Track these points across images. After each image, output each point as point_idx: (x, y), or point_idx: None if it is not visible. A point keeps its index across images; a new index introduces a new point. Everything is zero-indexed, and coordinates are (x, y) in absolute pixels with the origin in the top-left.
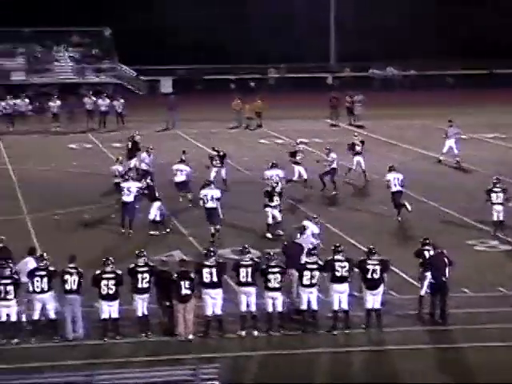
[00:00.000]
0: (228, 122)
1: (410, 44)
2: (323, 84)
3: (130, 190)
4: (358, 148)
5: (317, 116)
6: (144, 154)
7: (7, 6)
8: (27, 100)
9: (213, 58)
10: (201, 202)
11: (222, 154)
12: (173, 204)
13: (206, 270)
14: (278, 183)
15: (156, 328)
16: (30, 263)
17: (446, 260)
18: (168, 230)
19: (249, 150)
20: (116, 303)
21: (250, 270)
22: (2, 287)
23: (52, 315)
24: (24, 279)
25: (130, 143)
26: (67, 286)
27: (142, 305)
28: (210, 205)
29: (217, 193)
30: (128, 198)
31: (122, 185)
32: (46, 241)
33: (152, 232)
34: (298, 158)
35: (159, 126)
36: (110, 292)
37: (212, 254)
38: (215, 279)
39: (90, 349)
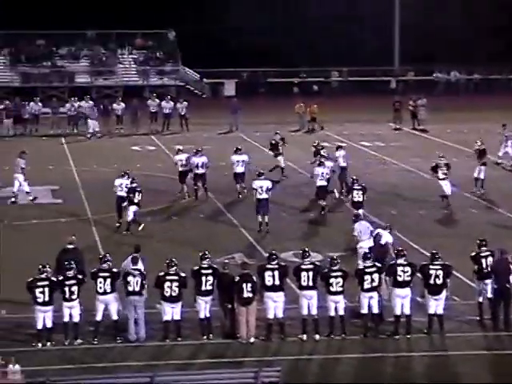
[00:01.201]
0: (290, 125)
1: (474, 46)
2: (386, 87)
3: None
4: (441, 171)
5: (380, 120)
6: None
7: (72, 8)
8: (91, 102)
9: (276, 61)
10: (254, 193)
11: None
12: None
13: (268, 273)
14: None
15: (217, 330)
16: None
17: (510, 266)
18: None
19: (311, 154)
20: (178, 305)
21: (310, 273)
22: (66, 288)
23: (114, 316)
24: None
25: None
26: (130, 288)
27: (204, 307)
28: (262, 196)
29: (268, 184)
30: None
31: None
32: (108, 242)
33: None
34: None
35: (222, 128)
36: (173, 294)
37: (274, 256)
38: (277, 282)
39: (152, 350)
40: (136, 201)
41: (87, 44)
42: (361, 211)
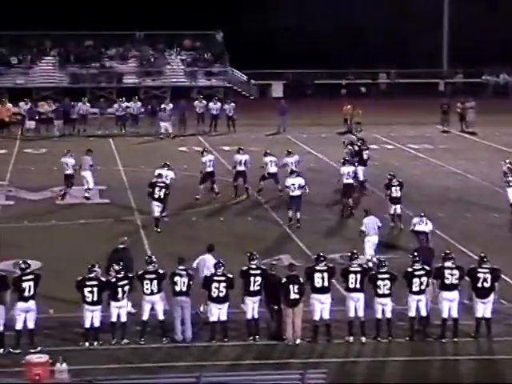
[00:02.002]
0: (338, 126)
1: None
2: (434, 90)
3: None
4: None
5: (428, 122)
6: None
7: (121, 9)
8: (139, 103)
9: (324, 62)
10: (288, 191)
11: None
12: (282, 205)
13: (317, 275)
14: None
15: (264, 332)
16: (210, 260)
17: None
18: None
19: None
20: (225, 306)
21: (358, 276)
22: (119, 288)
23: (161, 316)
24: (206, 272)
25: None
26: (177, 288)
27: (252, 307)
28: (295, 193)
29: (301, 181)
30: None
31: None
32: (155, 242)
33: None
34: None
35: (269, 129)
36: (221, 295)
37: (323, 258)
38: (326, 284)
39: (198, 351)
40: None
41: (136, 45)
42: (398, 207)
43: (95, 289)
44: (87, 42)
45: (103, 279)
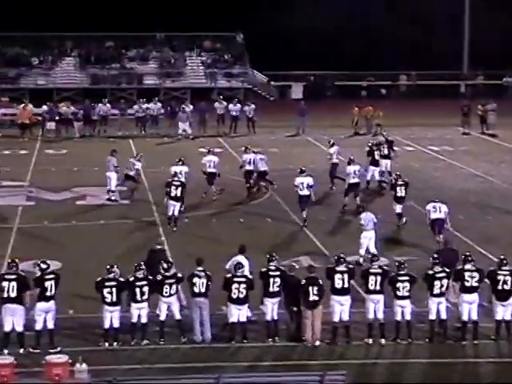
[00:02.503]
0: (358, 128)
1: None
2: (455, 92)
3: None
4: None
5: (448, 124)
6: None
7: (141, 10)
8: (159, 104)
9: (344, 64)
10: (297, 189)
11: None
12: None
13: (338, 276)
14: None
15: (283, 333)
16: (243, 262)
17: None
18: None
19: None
20: (245, 307)
21: (379, 278)
22: (137, 289)
23: (177, 316)
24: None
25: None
26: (196, 289)
27: (271, 308)
28: (303, 192)
29: (310, 180)
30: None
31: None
32: (175, 243)
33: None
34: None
35: (289, 131)
36: (241, 296)
37: (343, 259)
38: (346, 285)
39: (218, 352)
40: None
41: (156, 46)
42: (400, 207)
43: (114, 289)
44: (108, 43)
45: (122, 279)
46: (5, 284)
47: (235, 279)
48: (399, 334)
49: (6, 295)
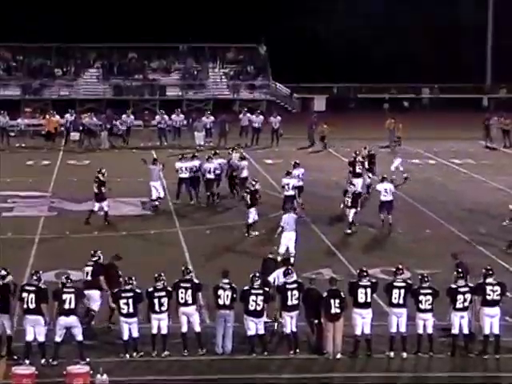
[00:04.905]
0: (380, 141)
1: None
2: (477, 104)
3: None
4: None
5: (471, 137)
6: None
7: (164, 22)
8: (182, 115)
9: (366, 76)
10: (282, 190)
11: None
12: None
13: (360, 291)
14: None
15: (304, 345)
16: (281, 274)
17: None
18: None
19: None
20: (262, 320)
21: (402, 291)
22: (156, 300)
23: (197, 328)
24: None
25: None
26: (220, 302)
27: (290, 322)
28: (289, 193)
29: (295, 182)
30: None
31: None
32: (196, 253)
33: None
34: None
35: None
36: (258, 308)
37: (365, 273)
38: (368, 300)
39: (238, 364)
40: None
41: (179, 57)
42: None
43: (130, 300)
44: (131, 55)
45: (138, 291)
46: (25, 295)
47: (252, 291)
48: (421, 348)
49: (26, 306)
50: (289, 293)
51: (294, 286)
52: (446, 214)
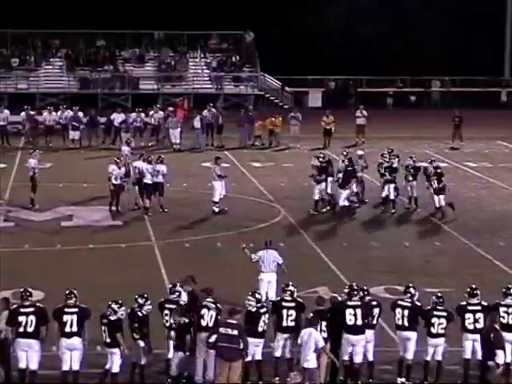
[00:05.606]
0: (385, 141)
1: None
2: (495, 100)
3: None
4: None
5: (487, 137)
6: None
7: (138, 6)
8: (161, 112)
9: (368, 68)
10: None
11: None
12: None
13: (349, 311)
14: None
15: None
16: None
17: None
18: None
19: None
20: (261, 342)
21: (406, 312)
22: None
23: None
24: None
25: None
26: (203, 323)
27: (283, 344)
28: None
29: None
30: None
31: None
32: (173, 269)
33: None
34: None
35: (309, 144)
36: (259, 329)
37: (356, 292)
38: (359, 322)
39: None
40: None
41: (154, 46)
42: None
43: (106, 328)
44: (99, 42)
45: (113, 318)
46: (22, 318)
47: (261, 310)
48: (427, 376)
49: (22, 330)
50: (284, 312)
51: (292, 304)
52: (461, 227)
